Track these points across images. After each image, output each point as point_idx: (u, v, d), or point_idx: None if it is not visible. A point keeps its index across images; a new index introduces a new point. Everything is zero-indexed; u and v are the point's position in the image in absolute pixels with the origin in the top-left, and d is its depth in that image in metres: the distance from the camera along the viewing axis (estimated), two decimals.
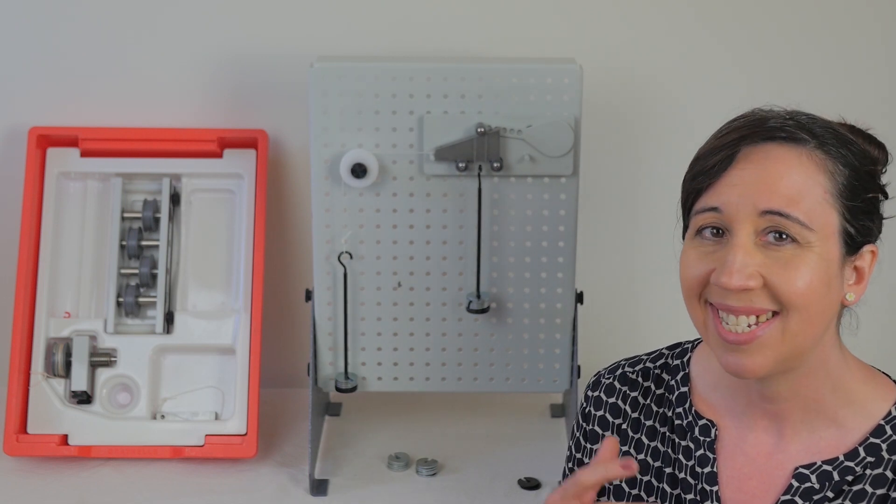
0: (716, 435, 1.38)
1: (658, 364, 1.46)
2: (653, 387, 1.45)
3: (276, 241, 2.13)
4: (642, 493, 1.42)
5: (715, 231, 1.29)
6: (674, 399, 1.43)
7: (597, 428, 1.46)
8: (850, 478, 1.31)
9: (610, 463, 1.26)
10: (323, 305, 1.93)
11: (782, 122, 1.33)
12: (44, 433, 1.93)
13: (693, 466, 1.39)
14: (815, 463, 1.33)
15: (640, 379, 1.45)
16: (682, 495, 1.39)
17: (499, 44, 2.04)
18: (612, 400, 1.46)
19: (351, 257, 1.90)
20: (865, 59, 2.08)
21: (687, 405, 1.41)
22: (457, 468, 1.94)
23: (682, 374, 1.42)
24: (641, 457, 1.43)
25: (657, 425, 1.43)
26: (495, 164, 1.85)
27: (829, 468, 1.32)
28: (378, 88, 1.84)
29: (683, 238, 1.35)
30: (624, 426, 1.44)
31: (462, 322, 1.93)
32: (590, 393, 1.48)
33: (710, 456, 1.38)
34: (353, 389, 1.95)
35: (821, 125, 1.34)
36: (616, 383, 1.46)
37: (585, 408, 1.48)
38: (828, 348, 1.33)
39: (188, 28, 2.05)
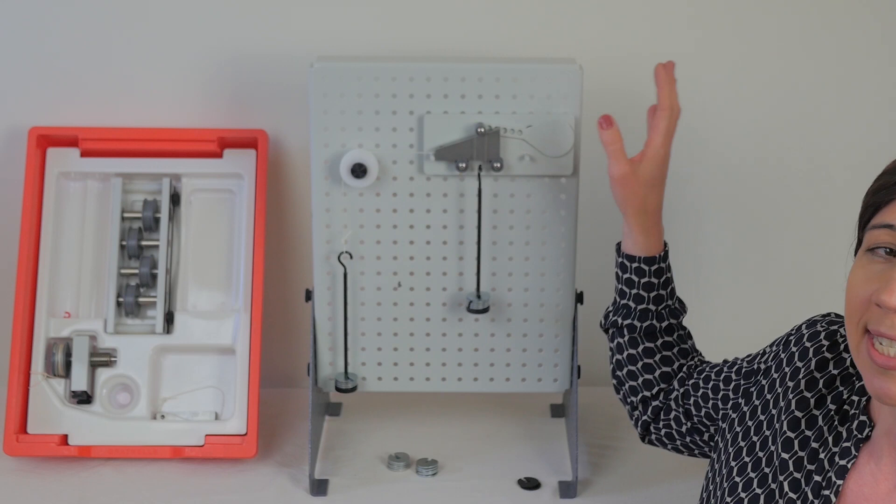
0: (867, 436, 1.37)
1: None
2: (847, 361, 1.44)
3: (276, 241, 2.13)
4: (780, 448, 1.43)
5: (888, 251, 1.28)
6: (857, 386, 1.42)
7: (784, 360, 1.50)
8: None
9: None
10: (323, 305, 1.93)
11: None
12: (44, 433, 1.93)
13: (835, 454, 1.38)
14: None
15: (841, 347, 1.45)
16: (813, 474, 1.39)
17: (499, 44, 2.04)
18: (808, 344, 1.47)
19: (351, 257, 1.90)
20: (866, 59, 2.08)
21: (864, 398, 1.40)
22: (457, 468, 1.94)
23: None
24: (799, 414, 1.43)
25: (829, 397, 1.43)
26: (495, 165, 1.85)
27: None
28: (378, 88, 1.84)
29: (855, 254, 1.34)
30: (801, 376, 1.45)
31: (462, 322, 1.93)
32: (803, 328, 1.50)
33: (853, 452, 1.37)
34: (353, 389, 1.95)
35: None
36: (822, 336, 1.47)
37: (790, 336, 1.51)
38: None
39: (188, 28, 2.05)
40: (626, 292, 1.75)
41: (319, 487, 1.88)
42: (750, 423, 1.51)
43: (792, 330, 1.53)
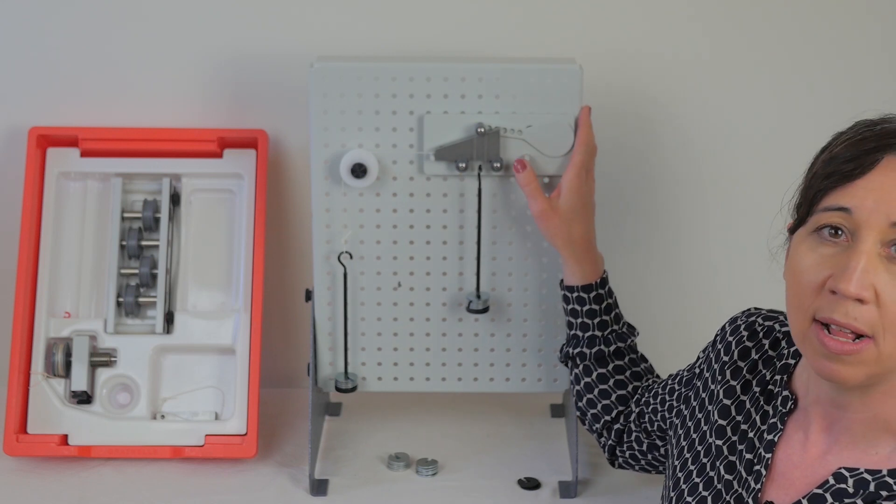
0: (791, 409, 1.40)
1: (784, 329, 1.48)
2: (767, 345, 1.48)
3: (276, 241, 2.13)
4: (713, 436, 1.46)
5: (834, 232, 1.28)
6: (779, 367, 1.45)
7: (712, 358, 1.55)
8: (884, 493, 1.30)
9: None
10: (323, 305, 1.93)
11: None
12: (44, 433, 1.93)
13: (763, 431, 1.41)
14: (858, 469, 1.32)
15: (761, 334, 1.49)
16: (744, 453, 1.42)
17: (499, 44, 2.03)
18: (730, 339, 1.52)
19: (351, 257, 1.90)
20: (868, 58, 2.08)
21: (785, 376, 1.43)
22: (457, 468, 1.94)
23: (796, 348, 1.42)
24: (728, 402, 1.47)
25: (753, 382, 1.46)
26: (495, 165, 1.85)
27: (868, 477, 1.31)
28: (378, 88, 1.84)
29: (790, 233, 1.34)
30: (727, 368, 1.50)
31: (462, 322, 1.93)
32: (726, 326, 1.56)
33: (779, 426, 1.39)
34: (353, 389, 1.95)
35: None
36: (742, 328, 1.52)
37: (717, 337, 1.57)
38: None
39: (188, 28, 2.05)
40: (573, 322, 1.81)
41: (319, 487, 1.88)
42: (690, 423, 1.54)
43: (718, 330, 1.59)
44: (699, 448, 1.50)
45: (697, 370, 1.61)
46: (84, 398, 1.95)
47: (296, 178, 2.10)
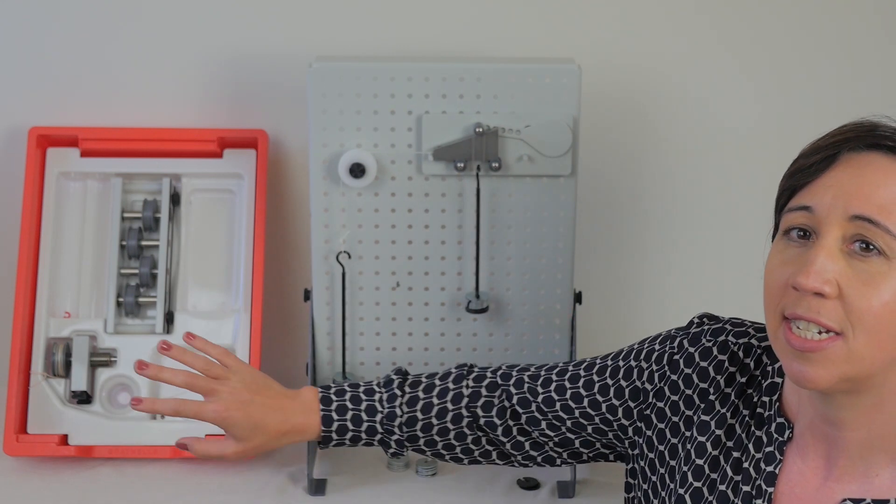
0: (789, 437, 1.36)
1: (763, 344, 1.43)
2: (751, 366, 1.43)
3: (276, 241, 2.13)
4: (706, 466, 1.41)
5: (802, 233, 1.27)
6: (765, 386, 1.41)
7: (680, 383, 1.45)
8: None
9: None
10: (321, 305, 1.93)
11: (892, 133, 1.30)
12: (44, 433, 1.93)
13: (759, 460, 1.37)
14: (865, 500, 1.30)
15: (741, 354, 1.43)
16: (740, 485, 1.38)
17: (497, 44, 2.03)
18: (704, 364, 1.44)
19: (349, 257, 1.90)
20: (870, 57, 2.07)
21: (775, 397, 1.39)
22: (456, 468, 1.94)
23: (780, 364, 1.38)
24: (718, 432, 1.41)
25: (741, 405, 1.41)
26: (493, 164, 1.85)
27: None
28: (377, 88, 1.84)
29: (773, 240, 1.34)
30: (712, 396, 1.43)
31: (461, 322, 1.93)
32: (685, 343, 1.47)
33: (778, 456, 1.36)
34: None
35: None
36: (715, 350, 1.44)
37: (674, 354, 1.47)
38: None
39: (188, 28, 2.05)
40: (361, 422, 1.59)
41: (318, 487, 1.88)
42: (661, 447, 1.47)
43: (672, 347, 1.48)
44: (687, 476, 1.43)
45: (649, 385, 1.49)
46: (84, 398, 1.95)
47: (295, 178, 2.10)
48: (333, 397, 1.59)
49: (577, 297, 1.93)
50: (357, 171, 1.85)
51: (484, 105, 1.84)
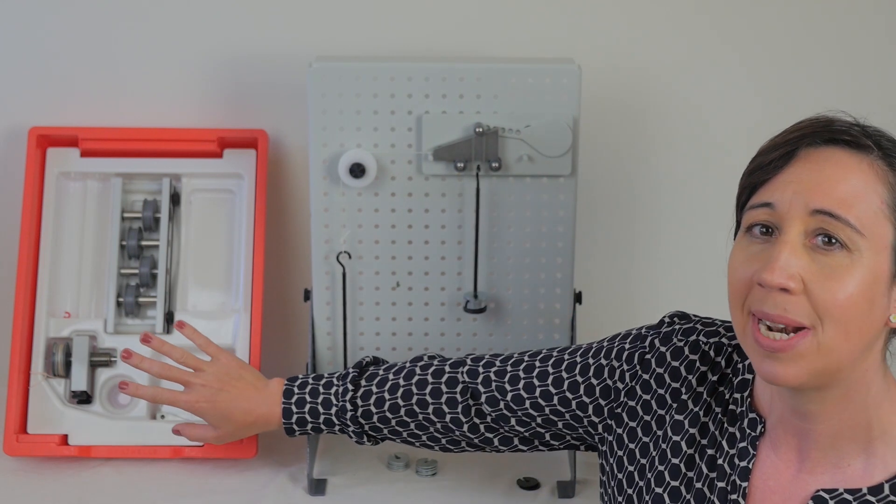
0: (762, 432, 1.38)
1: (733, 343, 1.44)
2: (722, 364, 1.44)
3: (276, 241, 2.13)
4: (682, 465, 1.42)
5: (765, 230, 1.28)
6: (736, 383, 1.42)
7: (652, 382, 1.47)
8: None
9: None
10: (321, 305, 1.93)
11: (848, 127, 1.31)
12: (44, 433, 1.93)
13: (733, 456, 1.38)
14: (838, 490, 1.31)
15: (711, 353, 1.45)
16: (716, 482, 1.39)
17: (497, 44, 2.03)
18: (676, 363, 1.46)
19: (349, 257, 1.90)
20: (871, 56, 2.07)
21: (746, 393, 1.40)
22: (456, 468, 1.94)
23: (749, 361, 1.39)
24: (692, 430, 1.43)
25: (713, 403, 1.43)
26: (493, 164, 1.85)
27: (849, 497, 1.30)
28: (377, 88, 1.84)
29: (735, 238, 1.34)
30: (684, 395, 1.44)
31: (460, 322, 1.93)
32: (656, 342, 1.49)
33: (751, 451, 1.37)
34: None
35: (888, 139, 1.32)
36: (686, 349, 1.46)
37: (646, 354, 1.49)
38: (870, 373, 1.30)
39: (188, 28, 2.05)
40: (318, 415, 1.73)
41: (318, 487, 1.88)
42: (632, 445, 1.49)
43: (643, 346, 1.50)
44: (651, 473, 1.45)
45: (621, 385, 1.51)
46: (84, 398, 1.95)
47: (296, 178, 2.10)
48: (296, 390, 1.73)
49: (577, 297, 1.93)
50: (357, 171, 1.85)
51: (484, 105, 1.84)
